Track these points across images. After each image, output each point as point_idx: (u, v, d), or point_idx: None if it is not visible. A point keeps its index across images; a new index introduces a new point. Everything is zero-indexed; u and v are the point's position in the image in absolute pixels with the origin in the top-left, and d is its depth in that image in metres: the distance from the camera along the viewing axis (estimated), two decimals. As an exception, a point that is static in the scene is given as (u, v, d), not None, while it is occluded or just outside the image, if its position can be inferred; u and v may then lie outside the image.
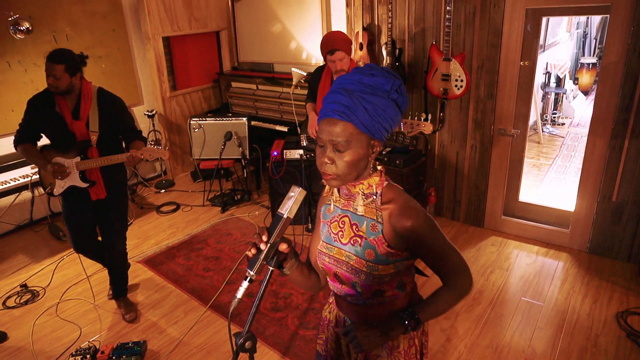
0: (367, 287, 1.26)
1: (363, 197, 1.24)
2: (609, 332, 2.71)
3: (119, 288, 3.08)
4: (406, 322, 1.27)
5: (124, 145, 2.87)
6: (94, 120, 2.60)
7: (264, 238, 1.12)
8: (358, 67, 1.21)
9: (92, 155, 2.64)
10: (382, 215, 1.21)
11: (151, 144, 2.69)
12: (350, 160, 1.16)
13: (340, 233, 1.30)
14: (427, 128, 3.07)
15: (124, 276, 3.09)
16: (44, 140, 2.76)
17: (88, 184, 2.68)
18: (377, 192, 1.23)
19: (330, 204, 1.35)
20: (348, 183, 1.23)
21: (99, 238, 3.02)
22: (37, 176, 3.83)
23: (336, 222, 1.32)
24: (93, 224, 2.91)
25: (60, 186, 2.70)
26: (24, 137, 2.70)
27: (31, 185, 3.84)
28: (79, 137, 2.61)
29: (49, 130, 2.65)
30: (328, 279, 1.39)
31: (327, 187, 1.32)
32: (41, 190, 4.34)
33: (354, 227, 1.26)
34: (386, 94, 1.16)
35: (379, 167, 1.26)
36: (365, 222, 1.24)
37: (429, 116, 3.16)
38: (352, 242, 1.26)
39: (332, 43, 2.90)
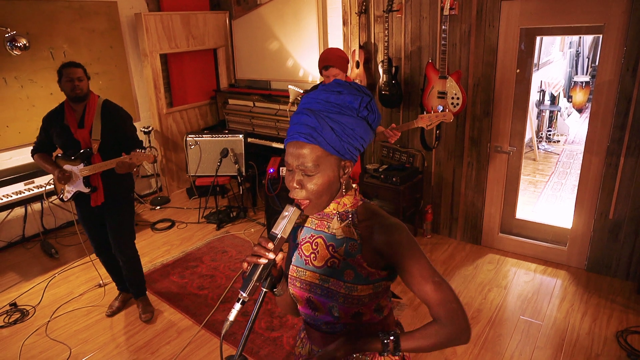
0: (345, 310, 1.19)
1: (339, 219, 1.18)
2: (610, 352, 2.67)
3: (136, 289, 3.18)
4: (385, 340, 1.17)
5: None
6: (96, 129, 2.76)
7: (270, 246, 1.05)
8: (326, 84, 1.15)
9: (95, 162, 2.78)
10: (361, 234, 1.16)
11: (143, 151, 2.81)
12: (321, 184, 1.10)
13: (313, 255, 1.22)
14: (448, 116, 2.84)
15: (139, 278, 3.17)
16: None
17: (90, 189, 2.81)
18: (352, 212, 1.18)
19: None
20: (323, 208, 1.17)
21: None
22: (30, 192, 3.83)
23: (308, 244, 1.24)
24: (105, 228, 3.03)
25: (68, 192, 2.86)
26: (39, 147, 2.93)
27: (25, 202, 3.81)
28: (83, 144, 2.77)
29: (58, 139, 2.83)
30: (299, 308, 1.29)
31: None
32: (34, 207, 4.33)
33: (330, 248, 1.19)
34: (355, 112, 1.10)
35: (353, 185, 1.21)
36: (344, 243, 1.17)
37: (446, 108, 3.03)
38: (328, 264, 1.19)
39: (327, 60, 2.98)
